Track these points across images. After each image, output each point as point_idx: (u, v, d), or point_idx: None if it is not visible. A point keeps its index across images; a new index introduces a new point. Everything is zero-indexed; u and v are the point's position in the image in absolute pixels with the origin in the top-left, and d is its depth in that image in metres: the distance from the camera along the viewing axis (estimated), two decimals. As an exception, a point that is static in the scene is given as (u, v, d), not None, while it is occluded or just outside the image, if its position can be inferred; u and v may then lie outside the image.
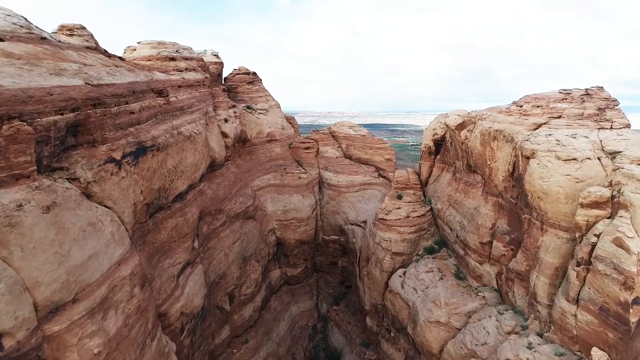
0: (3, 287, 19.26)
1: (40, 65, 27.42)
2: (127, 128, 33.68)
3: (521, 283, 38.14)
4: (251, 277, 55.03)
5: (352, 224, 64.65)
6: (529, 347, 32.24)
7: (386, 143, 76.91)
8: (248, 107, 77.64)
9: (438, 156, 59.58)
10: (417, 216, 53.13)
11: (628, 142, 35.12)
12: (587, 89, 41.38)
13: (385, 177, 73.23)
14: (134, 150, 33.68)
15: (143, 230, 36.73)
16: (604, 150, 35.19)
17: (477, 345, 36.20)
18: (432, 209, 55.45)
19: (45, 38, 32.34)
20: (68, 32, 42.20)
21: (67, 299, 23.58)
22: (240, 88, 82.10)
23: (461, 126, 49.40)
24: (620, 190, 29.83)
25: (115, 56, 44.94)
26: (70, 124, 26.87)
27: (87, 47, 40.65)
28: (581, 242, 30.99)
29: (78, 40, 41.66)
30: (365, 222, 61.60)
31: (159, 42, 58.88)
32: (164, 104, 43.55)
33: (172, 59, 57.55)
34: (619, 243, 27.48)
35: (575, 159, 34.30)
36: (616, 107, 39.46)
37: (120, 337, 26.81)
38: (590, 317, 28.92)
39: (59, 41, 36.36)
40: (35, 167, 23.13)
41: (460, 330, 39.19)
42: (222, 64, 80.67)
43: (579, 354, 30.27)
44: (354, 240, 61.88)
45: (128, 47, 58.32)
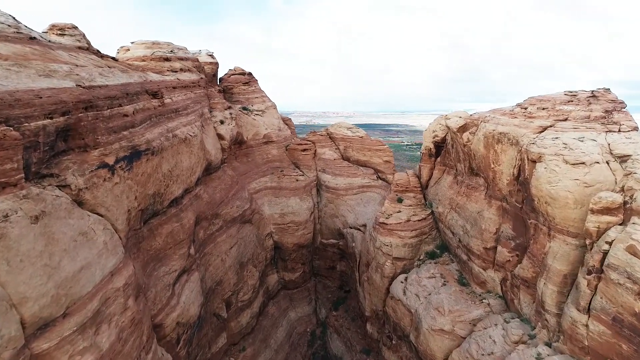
0: (-13, 305, 18.00)
1: (28, 67, 26.12)
2: (120, 132, 32.34)
3: (527, 290, 37.17)
4: (248, 282, 53.75)
5: (351, 228, 63.50)
6: (538, 357, 31.26)
7: (384, 144, 75.88)
8: (244, 109, 76.30)
9: (438, 158, 58.60)
10: (418, 220, 52.07)
11: (637, 145, 34.22)
12: (593, 91, 40.51)
13: (384, 180, 72.14)
14: (128, 155, 32.35)
15: (137, 237, 35.40)
16: (612, 153, 34.26)
17: (483, 355, 35.14)
18: (433, 213, 54.43)
19: (34, 38, 30.98)
20: (59, 32, 40.78)
21: (57, 314, 22.31)
22: (236, 89, 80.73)
23: (463, 128, 48.41)
24: (633, 196, 28.90)
25: (108, 56, 43.56)
26: (60, 128, 25.56)
27: (79, 48, 39.30)
28: (592, 249, 30.06)
29: (69, 40, 40.27)
30: (364, 225, 60.48)
31: (153, 42, 57.55)
32: (159, 106, 42.24)
33: (167, 59, 56.27)
34: (632, 251, 26.53)
35: (583, 163, 33.35)
36: (623, 109, 38.59)
37: (114, 353, 25.54)
38: (603, 327, 27.95)
39: (49, 41, 35.02)
40: (23, 175, 21.84)
41: (465, 338, 38.15)
42: (217, 64, 79.29)
43: (590, 365, 29.36)
44: (353, 244, 60.73)
45: (121, 47, 56.91)
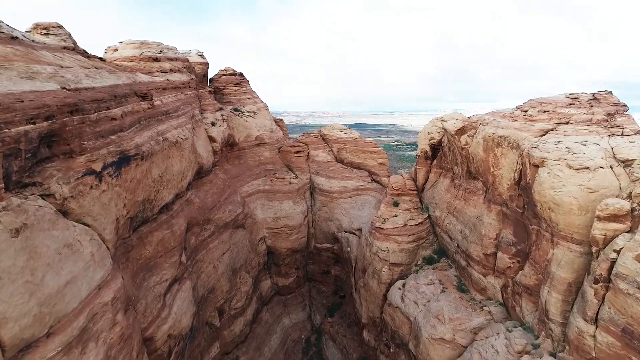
0: (-39, 330, 16.52)
1: (9, 68, 24.58)
2: (108, 136, 30.83)
3: (530, 298, 36.29)
4: (241, 289, 52.33)
5: (346, 232, 62.30)
6: (543, 368, 30.39)
7: (379, 146, 74.81)
8: (236, 110, 74.82)
9: (434, 161, 57.68)
10: (415, 224, 51.04)
11: (641, 149, 33.48)
12: (594, 94, 39.79)
13: (378, 182, 71.11)
14: (116, 160, 30.87)
15: (126, 246, 33.91)
16: (616, 158, 33.48)
17: (485, 365, 34.19)
18: (429, 217, 53.48)
19: (16, 37, 29.45)
20: (43, 31, 39.14)
21: (40, 334, 20.86)
22: (227, 90, 79.23)
23: (461, 131, 47.48)
24: (641, 202, 28.09)
25: (95, 57, 41.95)
26: (43, 134, 24.05)
27: (64, 48, 37.73)
28: (598, 257, 29.19)
29: (54, 40, 38.65)
30: (360, 230, 59.30)
31: (142, 41, 55.93)
32: (148, 108, 40.76)
33: (156, 59, 54.72)
34: (642, 260, 25.67)
35: (587, 167, 32.50)
36: (626, 112, 37.88)
37: (102, 373, 24.10)
38: (612, 338, 27.07)
39: (32, 41, 33.44)
40: (3, 185, 20.45)
41: (466, 348, 37.13)
42: (207, 64, 77.79)
43: (598, 376, 28.47)
44: (348, 249, 59.55)
45: (109, 47, 55.20)
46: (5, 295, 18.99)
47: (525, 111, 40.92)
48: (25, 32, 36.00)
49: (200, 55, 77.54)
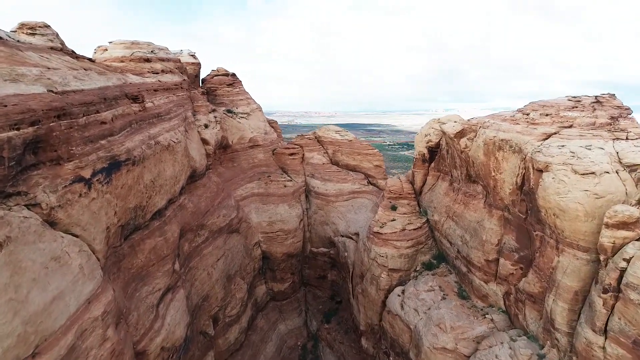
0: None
1: (-9, 71, 23.16)
2: (97, 141, 29.47)
3: (533, 305, 35.45)
4: (236, 296, 51.00)
5: (343, 236, 61.16)
6: (550, 380, 29.53)
7: (374, 148, 73.80)
8: (229, 111, 73.41)
9: (432, 164, 56.77)
10: (414, 229, 50.07)
11: (647, 154, 32.73)
12: (597, 96, 39.07)
13: (374, 185, 70.08)
14: (106, 167, 29.50)
15: (117, 255, 32.50)
16: (621, 162, 32.69)
17: (489, 375, 33.28)
18: (428, 221, 52.54)
19: (0, 38, 27.95)
20: (29, 31, 37.70)
21: (25, 355, 19.60)
22: (219, 90, 77.83)
23: (460, 134, 46.57)
24: (651, 210, 27.31)
25: (84, 57, 40.52)
26: (28, 140, 22.69)
27: (52, 48, 36.29)
28: (607, 266, 28.38)
29: (41, 40, 37.20)
30: (357, 234, 58.20)
31: (133, 41, 54.43)
32: (140, 110, 39.40)
33: (147, 60, 53.29)
34: (654, 270, 24.88)
35: (593, 173, 31.70)
36: (629, 115, 37.20)
37: (92, 393, 22.79)
38: (622, 350, 26.26)
39: (17, 41, 32.03)
40: (-16, 196, 19.01)
41: (469, 357, 36.14)
42: (199, 64, 76.43)
43: (606, 388, 27.64)
44: (345, 254, 58.42)
45: (99, 47, 53.63)
46: (-13, 316, 17.66)
47: (527, 114, 40.11)
48: (10, 32, 34.63)
49: (192, 55, 76.10)
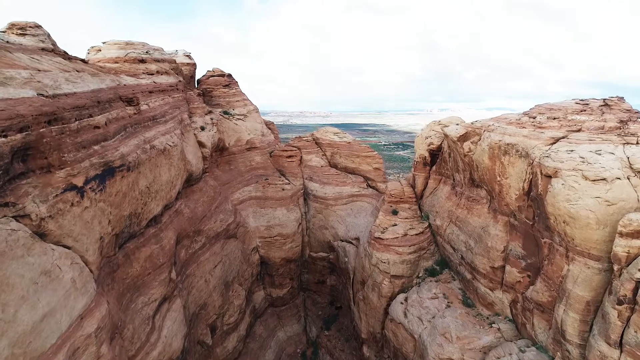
0: None
1: (-23, 74, 21.83)
2: (90, 146, 28.11)
3: (542, 315, 34.47)
4: (234, 303, 49.74)
5: (343, 241, 59.97)
6: (562, 394, 28.55)
7: (373, 151, 72.54)
8: (225, 113, 72.11)
9: (434, 167, 55.74)
10: (416, 234, 48.98)
11: (659, 159, 31.79)
12: (605, 99, 38.18)
13: (374, 188, 68.89)
14: (100, 173, 28.16)
15: (112, 265, 31.17)
16: (632, 168, 31.69)
17: (497, 388, 32.28)
18: (430, 226, 51.49)
19: (-14, 38, 26.61)
20: (19, 32, 36.37)
21: (12, 379, 18.20)
22: (215, 92, 76.43)
23: (464, 137, 45.50)
24: (667, 218, 26.35)
25: (76, 59, 39.15)
26: (17, 147, 21.35)
27: (43, 49, 34.95)
28: (621, 276, 27.39)
29: (31, 41, 35.87)
30: (357, 239, 57.05)
31: (127, 42, 53.07)
32: (134, 113, 38.06)
33: (142, 60, 51.96)
34: (672, 281, 23.92)
35: (604, 179, 30.74)
36: (639, 119, 36.27)
37: (85, 417, 21.51)
38: (639, 365, 25.29)
39: (7, 42, 30.73)
40: (-33, 210, 17.71)
41: (476, 369, 35.25)
42: (195, 65, 75.15)
43: (621, 403, 26.69)
44: (346, 259, 57.26)
45: (92, 48, 52.22)
46: (-30, 339, 16.37)
47: (534, 118, 39.12)
48: (-1, 32, 33.25)
49: (187, 55, 74.79)
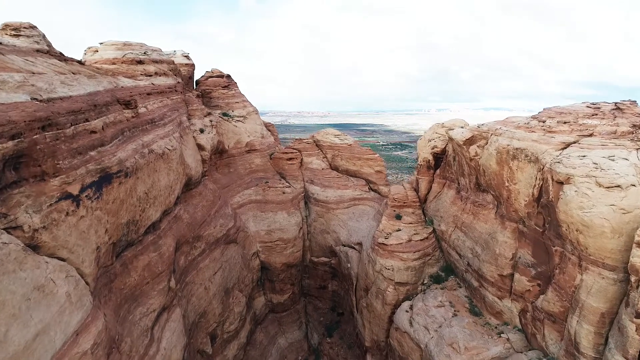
0: None
1: (-34, 78, 20.68)
2: (87, 152, 26.95)
3: (553, 325, 33.45)
4: (235, 310, 48.60)
5: (345, 246, 58.88)
6: (577, 410, 27.54)
7: (375, 153, 71.51)
8: (224, 114, 70.94)
9: (437, 170, 54.72)
10: (420, 239, 47.91)
11: (674, 165, 30.81)
12: (616, 103, 37.16)
13: (376, 191, 67.86)
14: (97, 180, 27.02)
15: (109, 275, 30.02)
16: (646, 174, 30.75)
17: (508, 402, 31.26)
18: (434, 231, 50.45)
19: (-22, 40, 25.41)
20: (13, 33, 35.20)
21: (3, 404, 17.07)
22: (214, 93, 75.25)
23: (470, 141, 44.46)
24: (688, 228, 25.36)
25: (73, 60, 37.94)
26: (9, 155, 20.25)
27: (38, 51, 33.74)
28: (638, 287, 26.38)
29: (26, 42, 34.70)
30: (359, 244, 55.97)
31: (125, 42, 51.86)
32: (132, 117, 36.94)
33: (140, 62, 50.74)
34: (695, 295, 22.93)
35: (619, 186, 29.72)
36: (652, 123, 35.28)
37: None
38: (660, 381, 24.31)
39: (0, 44, 29.38)
40: (-46, 223, 16.58)
41: (485, 381, 34.25)
42: (193, 65, 73.88)
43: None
44: (348, 265, 56.17)
45: (89, 48, 50.97)
46: (-43, 364, 15.23)
47: (543, 121, 38.10)
48: (-9, 33, 32.07)
49: (185, 56, 73.56)
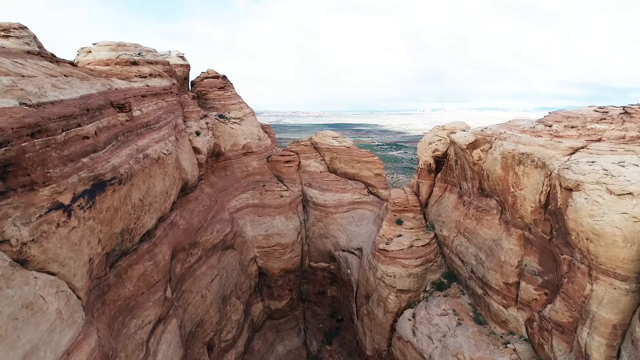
0: None
1: (-51, 82, 19.42)
2: (79, 159, 25.67)
3: (562, 336, 32.54)
4: (232, 318, 47.35)
5: (344, 251, 57.79)
6: None
7: (374, 156, 70.42)
8: (221, 116, 69.58)
9: (438, 174, 53.78)
10: (422, 245, 46.94)
11: (685, 172, 29.98)
12: (624, 107, 36.38)
13: (375, 194, 66.78)
14: (89, 189, 25.72)
15: (102, 287, 28.75)
16: (657, 181, 29.89)
17: (516, 415, 30.33)
18: (436, 236, 49.49)
19: (-37, 41, 24.13)
20: (3, 34, 33.96)
21: None
22: (210, 94, 73.81)
23: (473, 145, 43.54)
24: None
25: (65, 61, 36.60)
26: (-5, 164, 18.97)
27: (28, 52, 32.48)
28: (653, 299, 25.52)
29: (15, 44, 33.39)
30: (359, 249, 54.90)
31: (119, 43, 50.52)
32: (127, 120, 35.67)
33: (134, 63, 49.44)
34: None
35: (630, 193, 28.85)
36: (661, 128, 34.47)
37: None
38: (677, 398, 23.42)
39: (-13, 45, 28.11)
40: None
41: (492, 394, 33.30)
42: (188, 66, 72.50)
43: None
44: (348, 271, 55.07)
45: (82, 49, 49.65)
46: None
47: (550, 126, 37.21)
48: (-21, 34, 30.76)
49: (180, 56, 72.18)
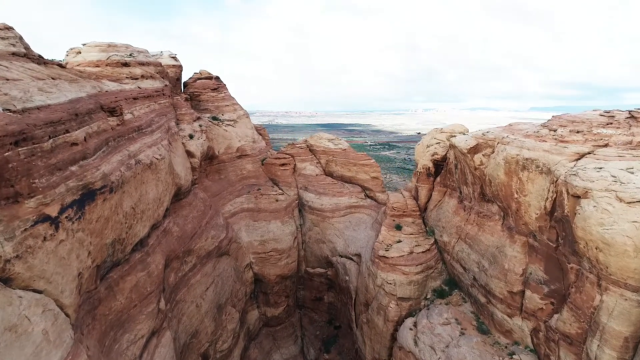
0: None
1: None
2: (67, 167, 24.25)
3: (570, 348, 31.64)
4: (228, 327, 46.01)
5: (342, 256, 56.63)
6: None
7: (371, 158, 69.28)
8: (214, 118, 68.15)
9: (437, 178, 52.79)
10: (422, 252, 45.89)
11: (695, 178, 29.17)
12: (630, 111, 35.55)
13: (372, 198, 65.71)
14: (78, 199, 24.33)
15: (92, 301, 27.33)
16: (667, 188, 29.05)
17: None
18: (436, 242, 48.48)
19: (-58, 43, 22.65)
20: (-13, 34, 32.11)
21: None
22: (203, 96, 72.33)
23: (475, 149, 42.58)
24: None
25: (52, 63, 34.98)
26: (-26, 177, 17.57)
27: (14, 54, 30.83)
28: (668, 312, 24.62)
29: (0, 45, 31.65)
30: (358, 255, 53.74)
31: (109, 43, 48.91)
32: (118, 125, 34.27)
33: (125, 64, 47.89)
34: None
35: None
36: (669, 133, 33.69)
37: None
38: (695, 416, 22.53)
39: (-31, 46, 26.57)
40: None
41: (498, 407, 32.34)
42: (181, 67, 70.96)
43: None
44: (347, 278, 53.89)
45: (71, 50, 47.97)
46: None
47: (554, 130, 36.32)
48: (-39, 34, 29.16)
49: (172, 57, 70.61)
